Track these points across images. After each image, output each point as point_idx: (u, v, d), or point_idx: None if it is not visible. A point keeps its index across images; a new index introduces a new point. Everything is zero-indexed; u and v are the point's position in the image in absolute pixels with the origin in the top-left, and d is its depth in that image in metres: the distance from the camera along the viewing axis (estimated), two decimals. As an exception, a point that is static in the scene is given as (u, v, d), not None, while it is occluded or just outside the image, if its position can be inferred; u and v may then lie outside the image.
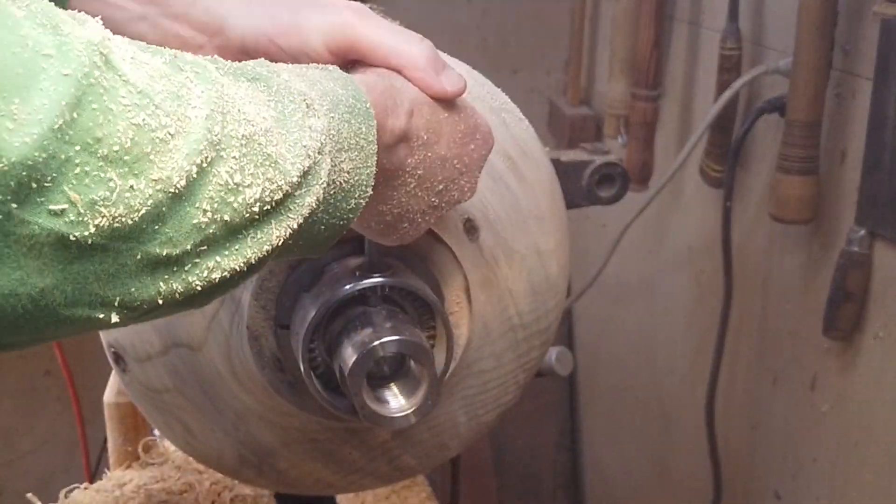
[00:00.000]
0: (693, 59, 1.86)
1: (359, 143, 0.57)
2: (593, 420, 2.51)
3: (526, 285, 0.84)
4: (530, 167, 0.84)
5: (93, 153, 0.44)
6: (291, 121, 0.53)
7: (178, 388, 0.84)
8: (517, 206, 0.83)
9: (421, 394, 0.72)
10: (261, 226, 0.51)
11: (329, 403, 0.76)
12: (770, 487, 1.66)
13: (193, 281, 0.49)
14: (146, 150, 0.46)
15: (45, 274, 0.44)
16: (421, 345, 0.70)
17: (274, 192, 0.51)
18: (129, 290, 0.47)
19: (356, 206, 0.58)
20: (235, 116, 0.50)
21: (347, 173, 0.56)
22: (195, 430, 0.86)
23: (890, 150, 1.26)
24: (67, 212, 0.44)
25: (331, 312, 0.73)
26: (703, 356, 1.82)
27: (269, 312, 0.78)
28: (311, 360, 0.75)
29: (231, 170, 0.49)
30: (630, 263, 2.15)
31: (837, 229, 1.42)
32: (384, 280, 0.73)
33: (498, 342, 0.85)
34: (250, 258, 0.51)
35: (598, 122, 2.25)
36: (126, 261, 0.47)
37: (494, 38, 2.40)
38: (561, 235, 0.88)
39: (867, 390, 1.38)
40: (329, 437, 0.85)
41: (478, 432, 0.91)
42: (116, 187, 0.45)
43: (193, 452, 0.91)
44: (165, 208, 0.47)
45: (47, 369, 2.37)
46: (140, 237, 0.46)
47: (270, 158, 0.51)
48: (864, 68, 1.33)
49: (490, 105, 0.84)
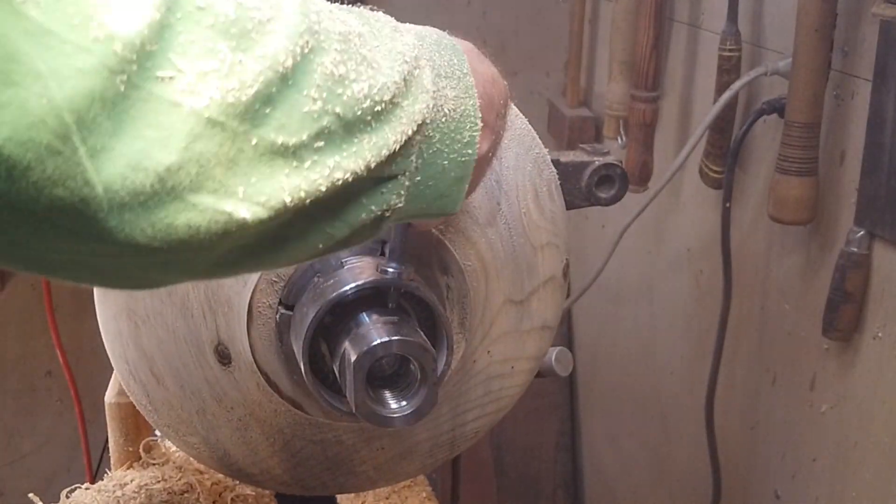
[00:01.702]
0: (692, 61, 1.86)
1: (454, 72, 0.57)
2: (593, 420, 2.51)
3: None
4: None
5: (197, 21, 0.44)
6: (382, 33, 0.53)
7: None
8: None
9: (421, 394, 0.72)
10: (375, 127, 0.51)
11: (329, 403, 0.76)
12: (769, 487, 1.66)
13: (316, 179, 0.48)
14: (248, 26, 0.45)
15: (167, 149, 0.43)
16: (421, 345, 0.70)
17: (381, 90, 0.51)
18: (250, 179, 0.46)
19: (471, 139, 0.57)
20: (328, 15, 0.50)
21: (452, 101, 0.56)
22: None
23: (889, 151, 1.26)
24: (176, 80, 0.43)
25: (333, 311, 0.73)
26: (702, 356, 1.82)
27: (276, 288, 0.77)
28: (312, 360, 0.75)
29: (335, 61, 0.49)
30: (629, 264, 2.15)
31: (836, 230, 1.42)
32: (404, 282, 0.73)
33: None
34: (369, 160, 0.50)
35: (598, 123, 2.25)
36: (243, 145, 0.45)
37: (494, 39, 2.40)
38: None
39: (866, 390, 1.38)
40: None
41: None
42: (227, 59, 0.44)
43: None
44: (275, 89, 0.46)
45: (48, 369, 2.37)
46: (254, 119, 0.46)
47: (367, 59, 0.51)
48: (863, 69, 1.33)
49: (529, 149, 0.86)
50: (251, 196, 0.46)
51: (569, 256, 0.89)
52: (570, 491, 2.60)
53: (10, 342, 2.38)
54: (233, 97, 0.44)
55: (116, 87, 0.41)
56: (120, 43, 0.41)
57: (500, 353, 0.86)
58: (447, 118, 0.56)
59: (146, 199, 0.43)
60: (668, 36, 1.92)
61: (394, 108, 0.52)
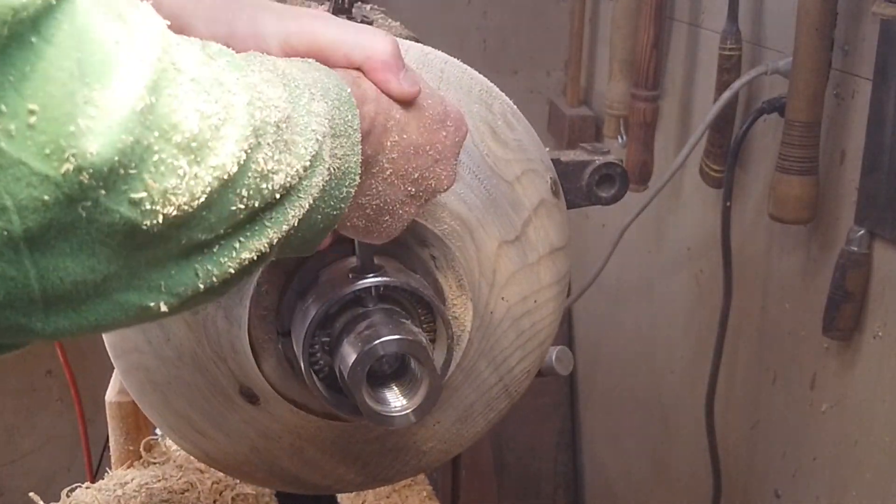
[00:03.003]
0: (692, 60, 1.86)
1: (347, 130, 0.58)
2: (593, 419, 2.52)
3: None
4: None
5: (168, 140, 0.44)
6: (300, 104, 0.54)
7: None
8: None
9: (421, 393, 0.72)
10: (279, 208, 0.52)
11: (331, 403, 0.76)
12: (769, 486, 1.66)
13: (225, 262, 0.50)
14: (206, 136, 0.46)
15: (112, 262, 0.45)
16: (420, 344, 0.70)
17: (293, 177, 0.52)
18: (170, 273, 0.48)
19: (347, 194, 0.58)
20: (266, 103, 0.51)
21: (339, 160, 0.57)
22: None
23: (889, 150, 1.26)
24: (144, 201, 0.44)
25: (329, 314, 0.74)
26: (702, 356, 1.82)
27: (269, 321, 0.78)
28: (313, 361, 0.75)
29: (266, 157, 0.50)
30: (630, 263, 2.15)
31: (837, 229, 1.42)
32: (378, 280, 0.73)
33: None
34: (272, 238, 0.52)
35: (598, 122, 2.25)
36: (172, 246, 0.47)
37: (494, 38, 2.40)
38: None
39: (866, 389, 1.38)
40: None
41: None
42: (185, 175, 0.45)
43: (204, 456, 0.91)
44: (217, 195, 0.47)
45: (49, 369, 2.37)
46: (191, 224, 0.47)
47: (289, 144, 0.52)
48: (864, 68, 1.33)
49: (470, 90, 0.83)
50: (171, 288, 0.49)
51: (553, 175, 0.87)
52: (570, 490, 2.60)
53: (10, 341, 2.38)
54: (181, 211, 0.46)
55: (78, 214, 0.43)
56: (88, 173, 0.42)
57: (516, 295, 0.84)
58: (332, 177, 0.57)
59: (78, 304, 0.45)
60: (669, 35, 1.92)
61: (300, 184, 0.53)
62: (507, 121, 0.85)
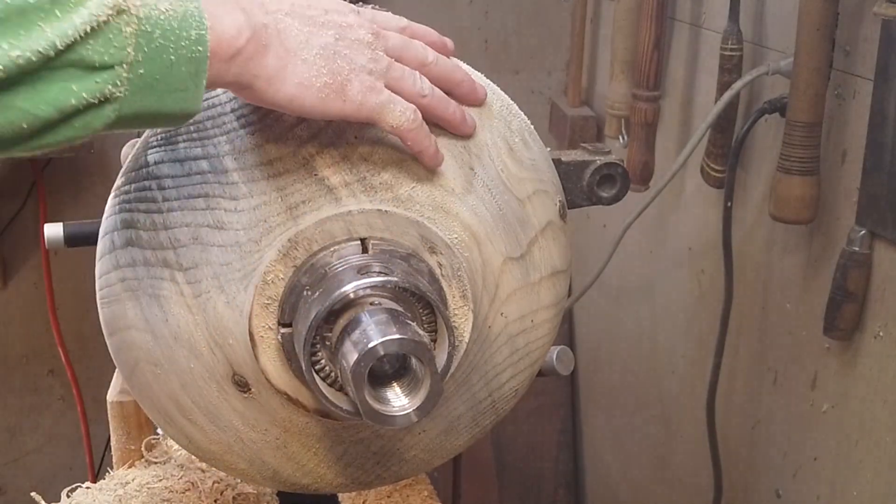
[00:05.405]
0: (694, 60, 1.86)
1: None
2: (594, 419, 2.52)
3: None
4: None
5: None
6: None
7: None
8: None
9: (423, 393, 0.72)
10: (58, 15, 0.56)
11: (332, 403, 0.77)
12: (770, 486, 1.66)
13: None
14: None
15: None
16: (422, 343, 0.70)
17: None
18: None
19: (199, 37, 0.62)
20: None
21: (168, 2, 0.61)
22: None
23: (890, 151, 1.26)
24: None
25: (334, 310, 0.74)
26: (703, 356, 1.82)
27: (271, 311, 0.78)
28: (314, 356, 0.76)
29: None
30: (631, 263, 2.15)
31: (838, 229, 1.42)
32: (386, 280, 0.74)
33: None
34: (54, 42, 0.56)
35: (599, 122, 2.25)
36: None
37: (496, 38, 2.40)
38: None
39: (867, 390, 1.38)
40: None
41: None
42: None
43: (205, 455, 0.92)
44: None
45: (51, 368, 2.38)
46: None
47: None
48: (865, 69, 1.33)
49: (490, 106, 0.85)
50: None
51: (562, 198, 0.88)
52: (571, 490, 2.60)
53: (12, 341, 2.39)
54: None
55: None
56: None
57: (515, 312, 0.85)
58: (166, 16, 0.60)
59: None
60: (670, 35, 1.92)
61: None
62: (524, 139, 0.86)
